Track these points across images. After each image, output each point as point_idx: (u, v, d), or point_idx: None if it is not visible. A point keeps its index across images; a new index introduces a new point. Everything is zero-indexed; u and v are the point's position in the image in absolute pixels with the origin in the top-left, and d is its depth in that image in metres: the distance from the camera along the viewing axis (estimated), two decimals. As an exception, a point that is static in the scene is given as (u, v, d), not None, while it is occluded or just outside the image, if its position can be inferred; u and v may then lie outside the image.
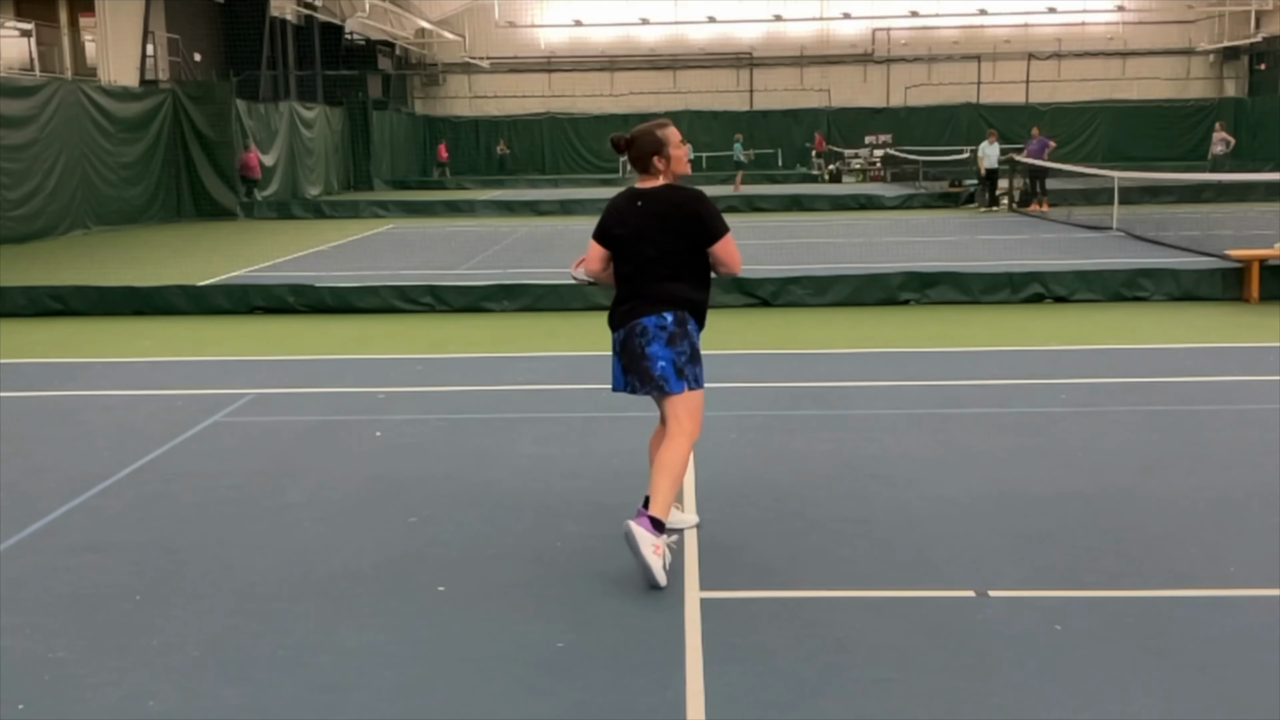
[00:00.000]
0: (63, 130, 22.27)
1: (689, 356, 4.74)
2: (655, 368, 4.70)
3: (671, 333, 4.71)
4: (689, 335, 4.75)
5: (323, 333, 10.87)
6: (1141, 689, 3.63)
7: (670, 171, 4.82)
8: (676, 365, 4.71)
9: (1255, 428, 6.84)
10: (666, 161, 4.79)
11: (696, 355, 4.78)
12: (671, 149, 4.79)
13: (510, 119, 46.28)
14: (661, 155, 4.78)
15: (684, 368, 4.72)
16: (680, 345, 4.72)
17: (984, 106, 43.64)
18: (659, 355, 4.69)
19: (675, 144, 4.81)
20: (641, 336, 4.71)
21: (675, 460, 4.67)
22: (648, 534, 4.51)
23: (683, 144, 4.87)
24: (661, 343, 4.69)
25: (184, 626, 4.27)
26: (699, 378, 4.79)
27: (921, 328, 10.52)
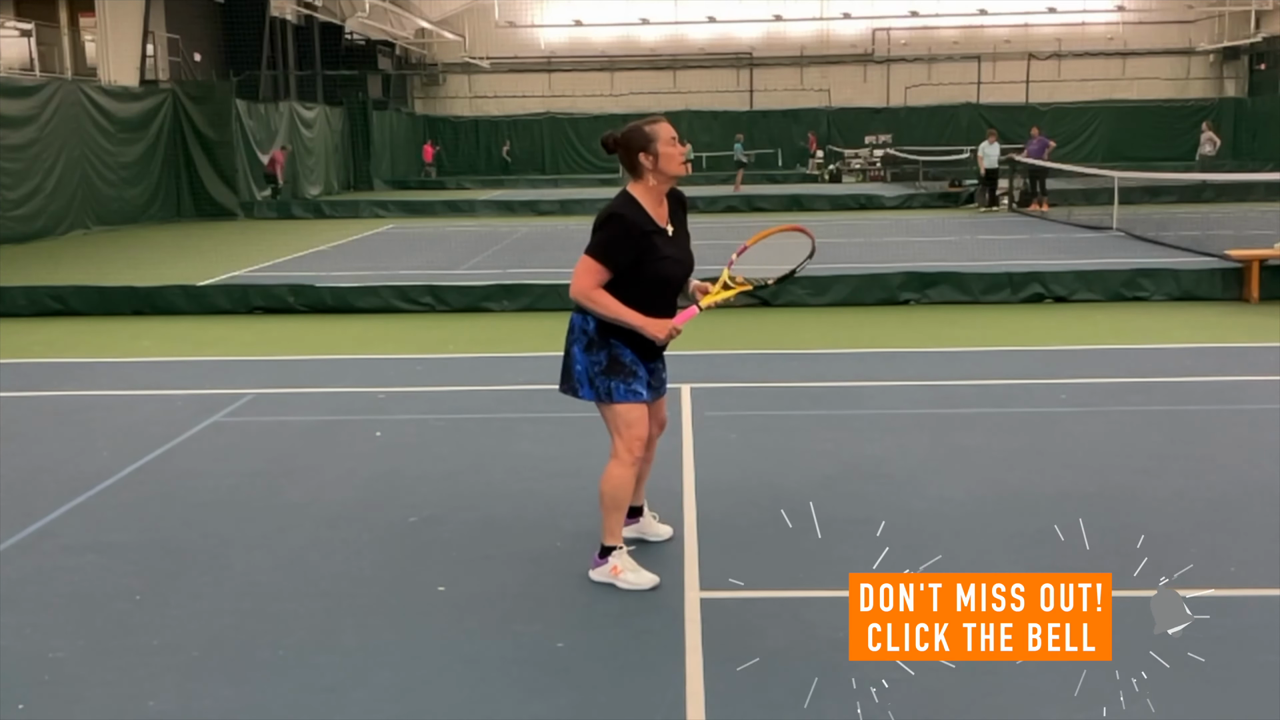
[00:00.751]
0: (63, 130, 22.26)
1: (604, 368, 4.44)
2: (573, 368, 4.52)
3: (590, 339, 4.45)
4: (609, 348, 4.43)
5: (323, 333, 10.87)
6: (1141, 689, 3.63)
7: (660, 171, 4.39)
8: (589, 373, 4.46)
9: (1255, 428, 6.84)
10: (654, 159, 4.37)
11: (616, 368, 4.43)
12: (661, 145, 4.37)
13: (510, 119, 46.26)
14: (648, 152, 4.37)
15: (595, 378, 4.45)
16: (596, 355, 4.45)
17: (984, 106, 43.61)
18: (577, 358, 4.49)
19: (666, 140, 4.38)
20: (570, 334, 4.54)
21: (606, 487, 4.50)
22: (603, 567, 4.55)
23: (677, 142, 4.43)
24: (581, 346, 4.48)
25: (184, 626, 4.27)
26: (612, 391, 4.43)
27: (921, 328, 10.51)
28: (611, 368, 4.45)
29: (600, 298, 4.37)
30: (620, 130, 4.49)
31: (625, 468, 4.49)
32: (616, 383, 4.45)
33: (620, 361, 4.45)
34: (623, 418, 4.47)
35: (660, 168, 4.41)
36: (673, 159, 4.41)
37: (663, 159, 4.40)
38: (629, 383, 4.46)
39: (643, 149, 4.40)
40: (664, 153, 4.39)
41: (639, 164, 4.42)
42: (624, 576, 4.52)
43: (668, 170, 4.42)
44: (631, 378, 4.46)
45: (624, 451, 4.48)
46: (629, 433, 4.47)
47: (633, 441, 4.48)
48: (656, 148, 4.38)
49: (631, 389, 4.46)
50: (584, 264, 4.37)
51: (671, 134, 4.43)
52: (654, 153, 4.39)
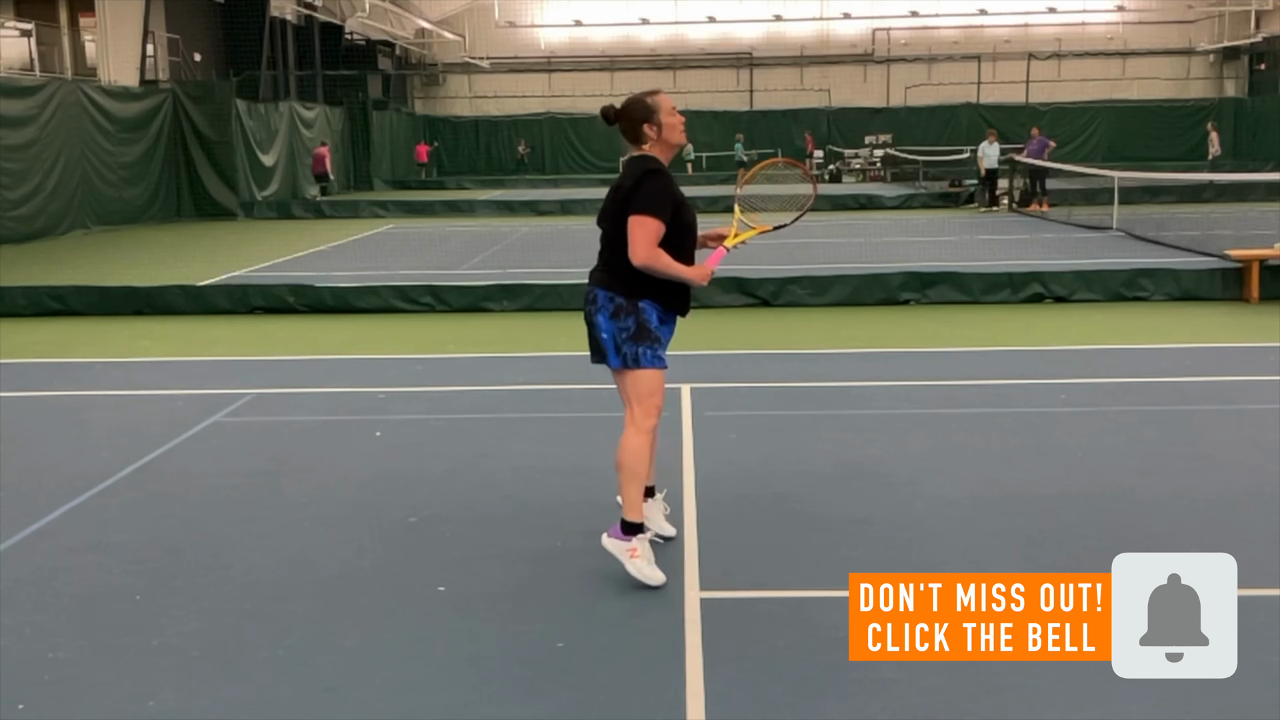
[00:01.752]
0: (63, 130, 22.26)
1: (631, 334, 4.51)
2: (598, 337, 4.60)
3: (618, 306, 4.52)
4: (637, 312, 4.51)
5: (323, 333, 10.87)
6: (1141, 689, 3.62)
7: (664, 141, 4.57)
8: (616, 340, 4.53)
9: (1255, 428, 6.84)
10: (658, 129, 4.54)
11: (644, 334, 4.52)
12: (663, 115, 4.54)
13: (510, 119, 46.26)
14: (652, 123, 4.54)
15: (622, 344, 4.52)
16: (624, 321, 4.51)
17: (984, 106, 43.61)
18: (603, 326, 4.56)
19: (667, 110, 4.56)
20: (592, 304, 4.60)
21: (624, 456, 4.55)
22: (619, 541, 4.55)
23: (676, 111, 4.60)
24: (607, 314, 4.54)
25: (184, 626, 4.27)
26: (640, 357, 4.51)
27: (921, 328, 10.51)
28: (639, 333, 4.54)
29: (663, 257, 4.48)
30: (621, 102, 4.65)
31: (643, 434, 4.57)
32: (644, 348, 4.55)
33: (647, 327, 4.55)
34: (646, 384, 4.57)
35: (664, 137, 4.59)
36: (674, 128, 4.60)
37: (666, 129, 4.58)
38: (654, 348, 4.57)
39: (646, 120, 4.57)
40: (667, 123, 4.58)
41: (643, 134, 4.58)
42: (638, 563, 4.50)
43: (670, 139, 4.60)
44: (656, 344, 4.58)
45: (643, 418, 4.57)
46: (650, 400, 4.57)
47: (652, 409, 4.58)
48: (660, 118, 4.57)
49: (658, 354, 4.59)
50: (639, 225, 4.43)
51: (672, 104, 4.62)
52: (657, 123, 4.57)
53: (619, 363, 4.57)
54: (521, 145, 44.67)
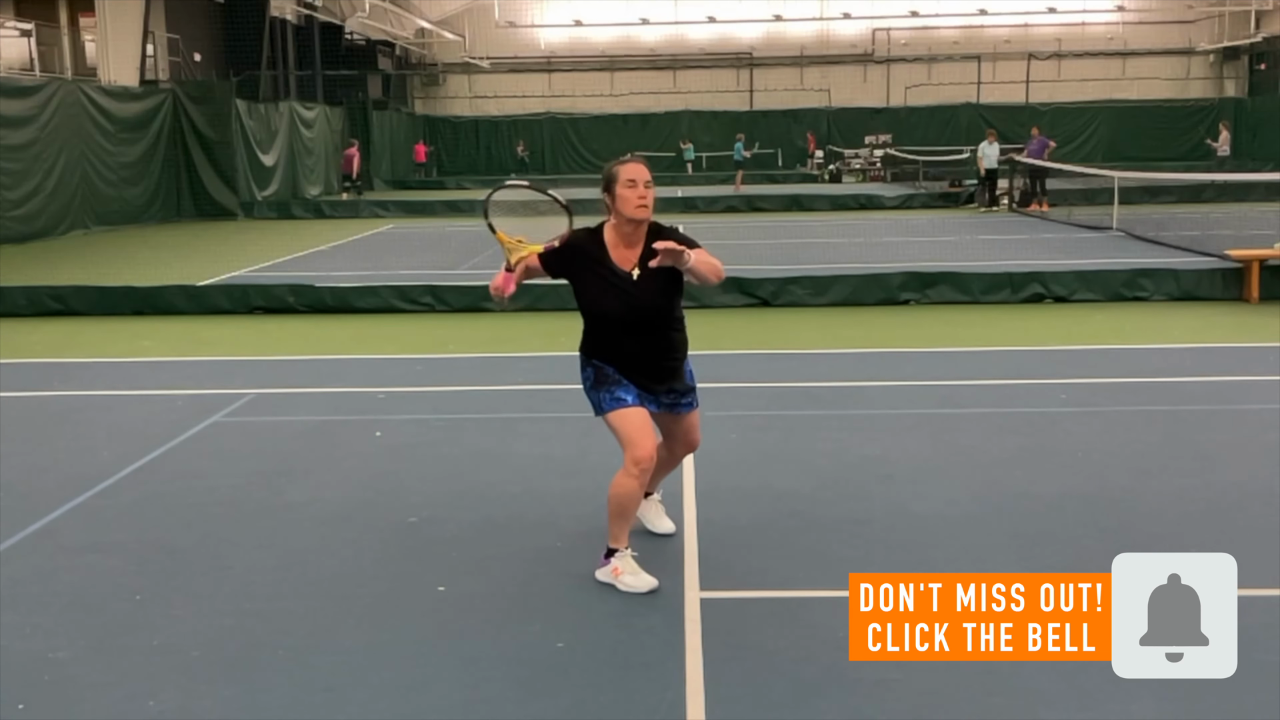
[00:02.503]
0: (63, 130, 22.26)
1: (592, 383, 4.56)
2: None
3: (581, 360, 4.64)
4: (593, 365, 4.57)
5: (323, 333, 10.87)
6: (1141, 689, 3.62)
7: (617, 212, 4.39)
8: (585, 391, 4.62)
9: (1255, 428, 6.84)
10: (611, 200, 4.40)
11: (602, 380, 4.53)
12: (617, 186, 4.35)
13: (510, 119, 46.25)
14: (608, 191, 4.40)
15: (589, 394, 4.60)
16: (585, 371, 4.60)
17: (984, 106, 43.60)
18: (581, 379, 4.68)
19: (623, 181, 4.34)
20: None
21: (613, 494, 4.49)
22: (604, 567, 4.58)
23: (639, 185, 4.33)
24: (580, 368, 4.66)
25: (184, 626, 4.27)
26: (600, 403, 4.52)
27: (921, 328, 10.51)
28: (598, 381, 4.54)
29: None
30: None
31: (630, 479, 4.44)
32: (603, 394, 4.53)
33: (605, 373, 4.53)
34: (619, 430, 4.48)
35: (616, 208, 4.40)
36: (627, 201, 4.35)
37: (618, 200, 4.38)
38: (612, 390, 4.50)
39: (605, 188, 4.42)
40: (619, 194, 4.37)
41: (606, 203, 4.46)
42: (623, 578, 4.52)
43: (623, 211, 4.38)
44: (616, 386, 4.50)
45: (629, 462, 4.44)
46: (632, 446, 4.42)
47: (636, 454, 4.41)
48: (614, 189, 4.38)
49: (615, 396, 4.49)
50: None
51: (631, 176, 4.35)
52: (612, 193, 4.40)
53: (596, 413, 4.60)
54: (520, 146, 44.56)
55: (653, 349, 4.56)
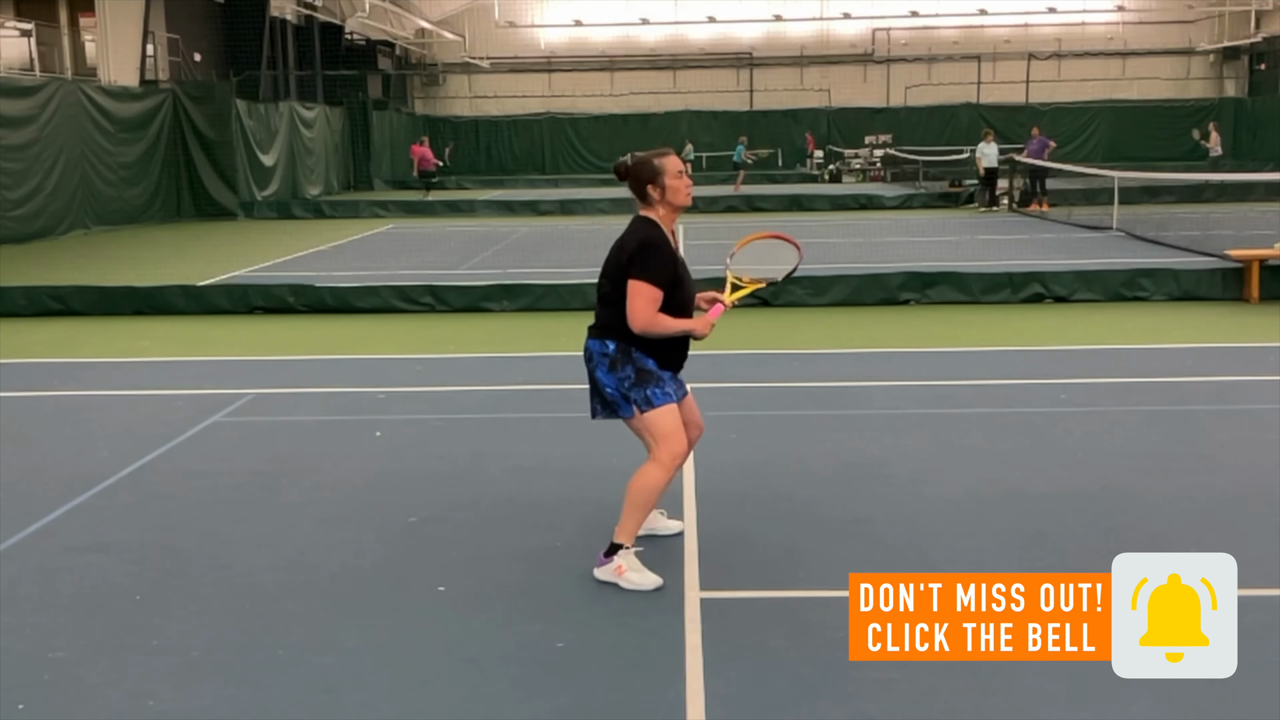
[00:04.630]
0: (63, 130, 22.25)
1: (633, 381, 4.56)
2: (603, 393, 4.65)
3: (612, 359, 4.58)
4: (633, 361, 4.56)
5: (323, 333, 10.87)
6: (1141, 689, 3.63)
7: (667, 202, 4.59)
8: (621, 391, 4.58)
9: (1255, 428, 6.84)
10: (661, 191, 4.56)
11: (645, 378, 4.57)
12: (668, 178, 4.56)
13: (510, 119, 46.24)
14: (656, 185, 4.56)
15: (629, 393, 4.57)
16: (622, 371, 4.56)
17: (984, 106, 43.61)
18: (605, 381, 4.61)
19: (673, 173, 4.57)
20: (589, 361, 4.67)
21: (640, 486, 4.56)
22: (606, 566, 4.59)
23: (684, 175, 4.61)
24: (604, 369, 4.60)
25: (184, 626, 4.27)
26: (651, 398, 4.56)
27: (921, 328, 10.51)
28: (640, 378, 4.58)
29: (661, 320, 4.52)
30: (632, 159, 4.65)
31: (665, 472, 4.57)
32: (652, 389, 4.58)
33: (646, 369, 4.59)
34: (663, 424, 4.56)
35: (667, 199, 4.59)
36: (679, 191, 4.59)
37: (669, 191, 4.58)
38: (661, 386, 4.60)
39: (651, 181, 4.58)
40: (670, 185, 4.58)
41: (648, 194, 4.60)
42: (627, 576, 4.53)
43: (674, 202, 4.60)
44: (660, 382, 4.61)
45: (667, 458, 4.55)
46: (674, 439, 4.56)
47: (677, 448, 4.57)
48: (664, 180, 4.57)
49: (665, 390, 4.60)
50: (637, 290, 4.47)
51: (679, 167, 4.60)
52: (661, 185, 4.58)
53: (631, 411, 4.60)
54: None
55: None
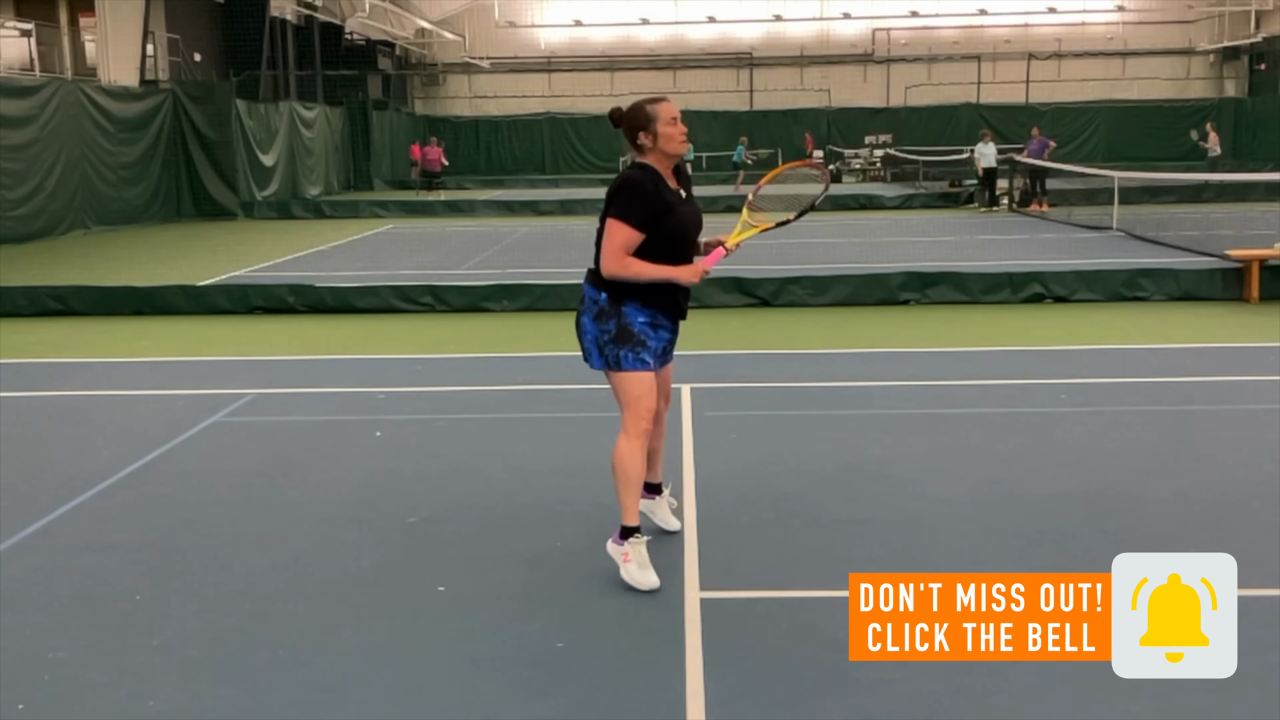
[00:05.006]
0: (63, 130, 22.25)
1: (612, 336, 4.49)
2: (583, 339, 4.61)
3: (601, 309, 4.52)
4: (619, 315, 4.49)
5: (323, 333, 10.87)
6: (1141, 689, 3.62)
7: (660, 150, 4.50)
8: (599, 342, 4.52)
9: (1255, 428, 6.84)
10: (654, 138, 4.48)
11: (626, 337, 4.49)
12: (661, 125, 4.47)
13: (510, 119, 46.25)
14: (649, 131, 4.48)
15: (604, 346, 4.51)
16: (606, 324, 4.50)
17: (984, 106, 43.61)
18: (587, 328, 4.57)
19: (666, 120, 4.47)
20: (580, 304, 4.63)
21: (616, 461, 4.54)
22: (616, 546, 4.58)
23: (678, 122, 4.51)
24: (591, 316, 4.55)
25: (184, 626, 4.27)
26: (621, 359, 4.49)
27: (921, 328, 10.51)
28: (621, 336, 4.50)
29: (633, 265, 4.46)
30: (627, 106, 4.61)
31: (633, 440, 4.52)
32: (625, 351, 4.51)
33: (629, 330, 4.51)
34: (631, 388, 4.52)
35: (660, 146, 4.52)
36: (672, 138, 4.51)
37: (662, 138, 4.50)
38: (637, 351, 4.52)
39: (643, 128, 4.51)
40: (663, 132, 4.49)
41: (640, 142, 4.53)
42: (629, 568, 4.50)
43: (667, 149, 4.52)
44: (640, 347, 4.53)
45: (631, 423, 4.52)
46: (638, 405, 4.51)
47: (642, 413, 4.52)
48: (656, 127, 4.49)
49: (640, 358, 4.52)
50: (611, 230, 4.44)
51: (673, 114, 4.52)
52: (654, 132, 4.50)
53: (601, 364, 4.57)
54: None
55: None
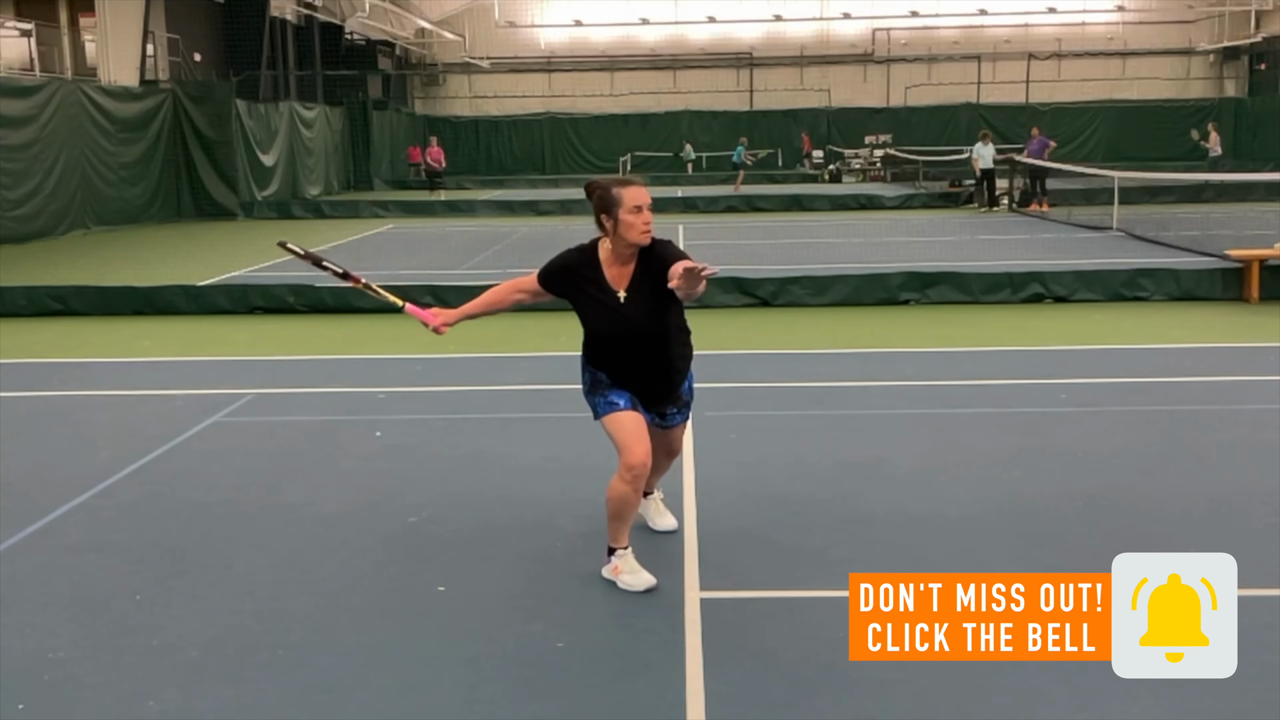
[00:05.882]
0: (63, 130, 22.24)
1: (588, 388, 4.63)
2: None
3: (582, 365, 4.68)
4: (590, 371, 4.62)
5: (323, 333, 10.87)
6: (1141, 689, 3.62)
7: (619, 236, 4.32)
8: (584, 395, 4.68)
9: (1255, 428, 6.84)
10: (614, 224, 4.31)
11: (597, 386, 4.59)
12: (622, 212, 4.27)
13: (510, 119, 46.25)
14: (609, 215, 4.31)
15: (586, 398, 4.66)
16: (584, 377, 4.66)
17: (984, 106, 43.60)
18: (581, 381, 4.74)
19: (628, 207, 4.26)
20: None
21: (609, 498, 4.51)
22: (607, 565, 4.62)
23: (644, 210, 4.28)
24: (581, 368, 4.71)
25: (184, 626, 4.27)
26: (595, 408, 4.59)
27: (921, 328, 10.51)
28: (594, 387, 4.61)
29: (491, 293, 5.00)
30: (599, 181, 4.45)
31: (624, 484, 4.43)
32: (598, 399, 4.60)
33: (599, 380, 4.60)
34: (613, 433, 4.51)
35: (619, 233, 4.34)
36: (632, 227, 4.30)
37: (621, 225, 4.31)
38: (606, 395, 4.56)
39: (605, 210, 4.34)
40: (623, 219, 4.30)
41: (601, 223, 4.40)
42: (622, 577, 4.54)
43: (626, 237, 4.33)
44: (609, 390, 4.56)
45: (624, 469, 4.44)
46: (625, 452, 4.42)
47: (631, 462, 4.39)
48: (618, 213, 4.30)
49: (609, 400, 4.54)
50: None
51: (638, 202, 4.29)
52: (614, 217, 4.32)
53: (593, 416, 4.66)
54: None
55: (650, 368, 4.54)
